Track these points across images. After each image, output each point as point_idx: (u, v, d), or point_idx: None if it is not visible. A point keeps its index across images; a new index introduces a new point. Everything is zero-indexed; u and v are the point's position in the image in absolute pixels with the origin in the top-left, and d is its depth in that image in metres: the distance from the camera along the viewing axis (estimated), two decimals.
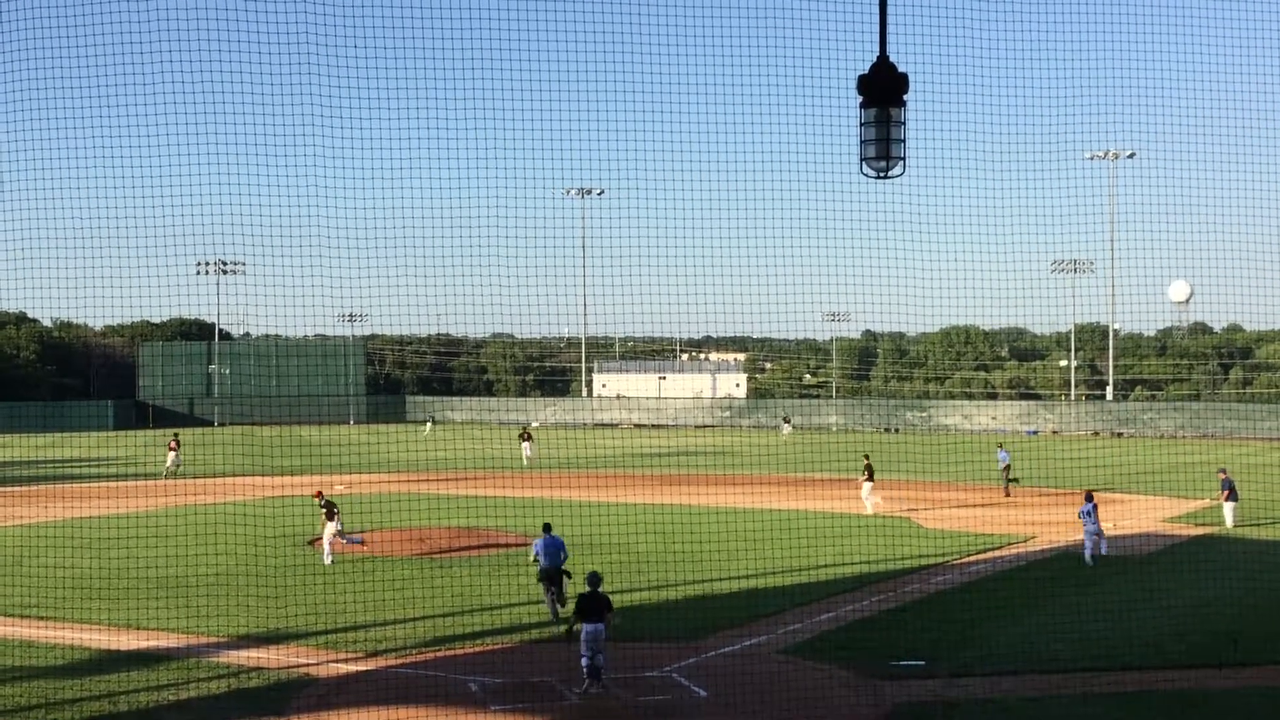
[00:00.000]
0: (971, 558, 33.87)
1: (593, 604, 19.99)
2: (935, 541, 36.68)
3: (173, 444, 65.02)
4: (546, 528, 26.07)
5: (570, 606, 22.66)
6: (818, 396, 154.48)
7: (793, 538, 33.36)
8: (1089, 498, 33.43)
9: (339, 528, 32.60)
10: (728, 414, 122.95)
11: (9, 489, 54.91)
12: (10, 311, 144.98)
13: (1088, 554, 32.51)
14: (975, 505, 46.51)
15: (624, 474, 59.69)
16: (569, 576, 25.08)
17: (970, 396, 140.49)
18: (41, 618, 25.53)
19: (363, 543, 33.84)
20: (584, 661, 19.79)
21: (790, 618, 25.67)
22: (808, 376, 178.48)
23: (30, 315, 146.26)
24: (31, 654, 22.39)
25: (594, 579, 20.62)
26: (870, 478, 44.04)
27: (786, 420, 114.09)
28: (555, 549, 25.37)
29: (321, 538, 32.81)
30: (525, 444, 74.69)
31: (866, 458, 45.29)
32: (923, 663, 21.45)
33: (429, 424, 76.64)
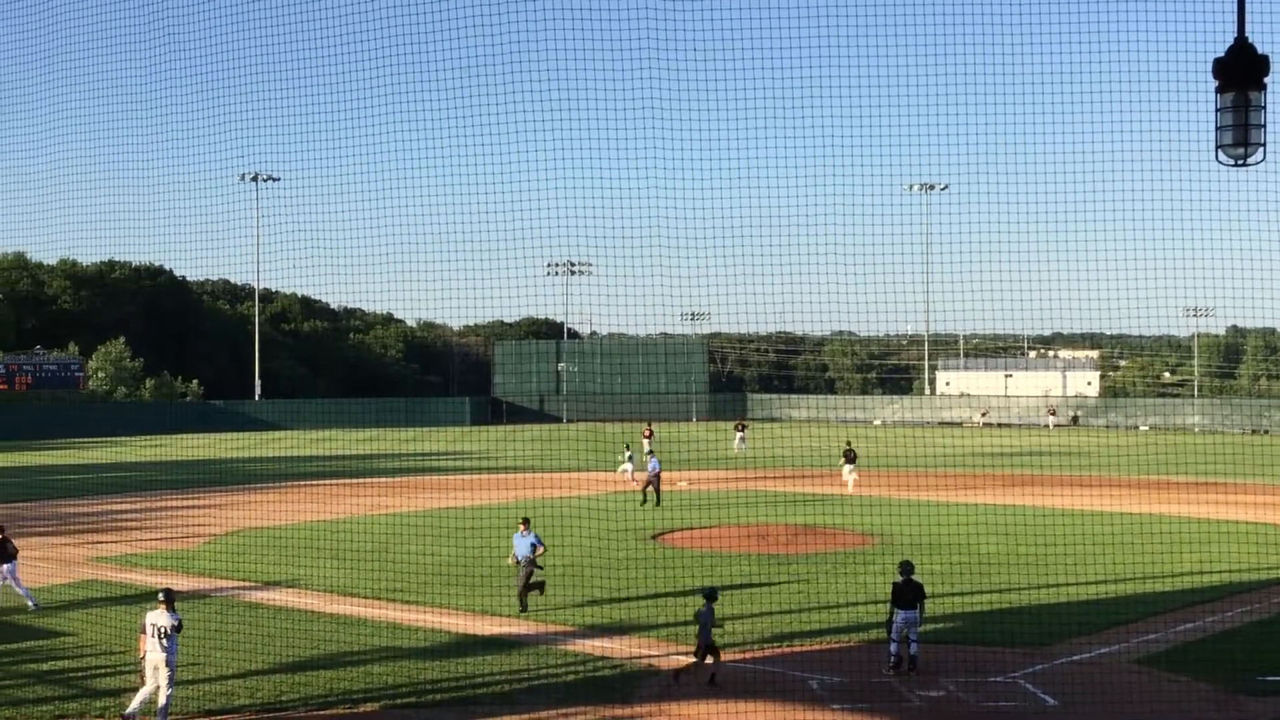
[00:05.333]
0: None
1: (906, 592, 20.79)
2: None
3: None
4: (525, 521, 27.19)
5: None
6: (1177, 396, 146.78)
7: (1149, 542, 31.78)
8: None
9: (9, 567, 26.67)
10: (1079, 413, 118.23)
11: (377, 480, 58.70)
12: (379, 313, 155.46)
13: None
14: None
15: (968, 473, 58.33)
16: (540, 568, 26.69)
17: None
18: (406, 602, 27.16)
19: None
20: (892, 647, 20.72)
21: (1146, 626, 24.50)
22: (1166, 374, 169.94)
23: (397, 316, 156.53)
24: (397, 635, 23.86)
25: (906, 568, 21.35)
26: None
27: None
28: (529, 544, 26.63)
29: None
30: (739, 434, 75.83)
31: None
32: None
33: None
